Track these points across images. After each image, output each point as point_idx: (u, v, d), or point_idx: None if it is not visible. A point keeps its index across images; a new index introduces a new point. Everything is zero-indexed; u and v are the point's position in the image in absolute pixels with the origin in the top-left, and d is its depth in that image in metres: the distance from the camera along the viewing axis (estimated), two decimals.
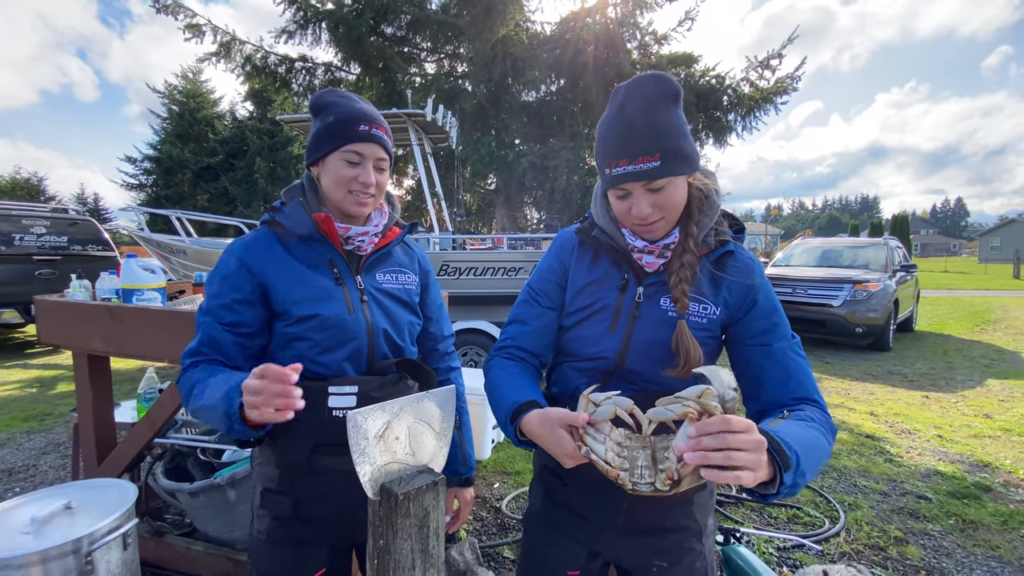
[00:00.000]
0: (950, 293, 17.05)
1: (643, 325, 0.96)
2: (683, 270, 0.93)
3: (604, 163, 0.91)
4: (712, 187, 0.97)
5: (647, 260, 0.97)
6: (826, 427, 0.85)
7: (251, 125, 23.02)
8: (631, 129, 0.87)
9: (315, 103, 1.10)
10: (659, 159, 0.85)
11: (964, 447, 3.71)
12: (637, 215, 0.90)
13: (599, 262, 1.03)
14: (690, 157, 0.89)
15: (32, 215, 6.95)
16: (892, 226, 22.69)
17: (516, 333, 1.08)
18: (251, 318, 1.04)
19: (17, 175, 26.73)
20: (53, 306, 2.08)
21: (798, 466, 0.71)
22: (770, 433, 0.73)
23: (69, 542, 1.19)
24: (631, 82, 0.90)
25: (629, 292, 0.98)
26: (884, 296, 6.88)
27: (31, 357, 6.61)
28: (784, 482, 0.70)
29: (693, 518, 1.01)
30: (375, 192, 1.09)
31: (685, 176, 0.90)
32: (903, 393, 5.09)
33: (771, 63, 7.96)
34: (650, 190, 0.88)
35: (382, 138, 1.08)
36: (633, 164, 0.86)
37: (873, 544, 2.49)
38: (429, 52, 9.34)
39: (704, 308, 0.95)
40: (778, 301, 0.99)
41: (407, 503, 0.76)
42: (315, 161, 1.09)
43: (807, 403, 0.90)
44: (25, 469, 3.28)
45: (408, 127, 5.91)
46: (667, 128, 0.86)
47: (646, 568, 1.01)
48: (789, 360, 0.93)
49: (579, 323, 1.02)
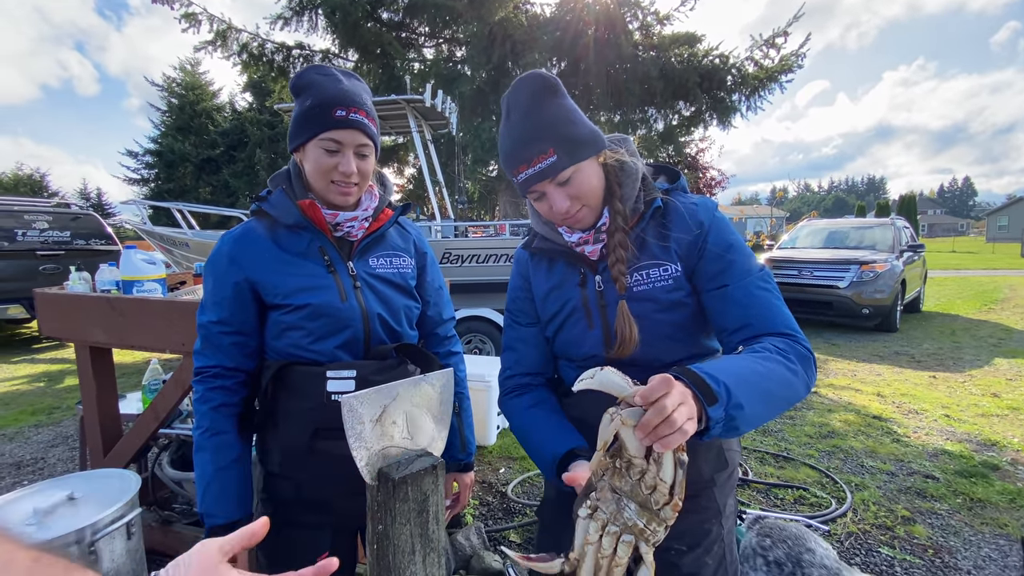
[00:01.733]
0: (957, 273, 16.90)
1: (615, 312, 0.94)
2: (617, 250, 0.93)
3: (509, 173, 0.93)
4: (623, 156, 0.95)
5: (589, 250, 0.97)
6: (790, 354, 0.80)
7: (251, 117, 22.92)
8: (520, 133, 0.88)
9: (295, 83, 1.05)
10: (553, 154, 0.86)
11: (972, 426, 3.69)
12: (558, 211, 0.91)
13: (555, 267, 1.04)
14: (585, 141, 0.89)
15: (35, 210, 6.96)
16: (899, 206, 22.48)
17: (512, 362, 1.11)
18: (245, 316, 1.05)
19: (19, 171, 26.78)
20: (53, 299, 2.07)
21: (729, 399, 0.68)
22: (693, 369, 0.70)
23: (72, 532, 1.20)
24: (510, 88, 0.92)
25: (589, 286, 0.98)
26: (891, 276, 6.81)
27: (38, 352, 6.66)
28: (712, 416, 0.67)
29: (712, 499, 1.00)
30: (358, 180, 1.05)
31: (591, 159, 0.90)
32: (910, 374, 5.06)
33: (776, 41, 7.79)
34: (559, 184, 0.89)
35: (362, 123, 1.02)
36: (531, 166, 0.87)
37: (880, 524, 2.48)
38: (427, 37, 9.21)
39: (664, 270, 0.93)
40: (734, 237, 0.93)
41: (405, 487, 0.75)
42: (296, 147, 1.06)
43: (773, 336, 0.85)
44: (34, 462, 3.32)
45: (407, 113, 5.85)
46: (552, 121, 0.87)
47: (664, 551, 0.98)
48: (750, 298, 0.88)
49: (559, 329, 1.03)
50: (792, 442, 3.47)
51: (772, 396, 0.75)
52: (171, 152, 22.93)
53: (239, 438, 1.06)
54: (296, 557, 1.07)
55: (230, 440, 1.04)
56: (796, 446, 3.40)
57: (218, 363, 1.04)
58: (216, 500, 1.00)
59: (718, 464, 1.00)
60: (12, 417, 4.12)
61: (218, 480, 1.01)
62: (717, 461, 1.00)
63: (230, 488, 1.02)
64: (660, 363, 0.93)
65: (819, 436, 3.57)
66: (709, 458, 0.99)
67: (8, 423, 3.99)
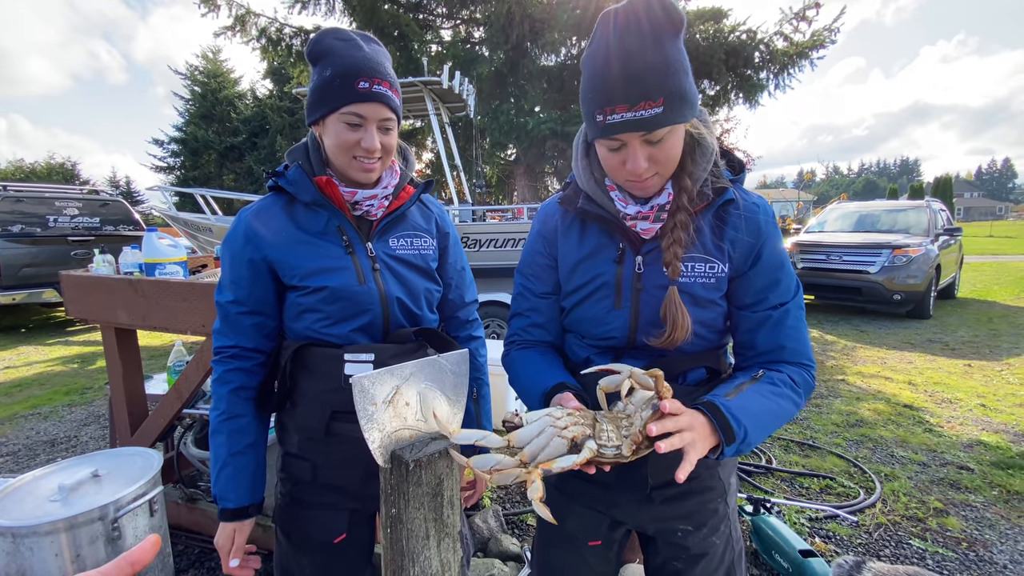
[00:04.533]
0: (995, 258, 16.22)
1: (649, 297, 0.88)
2: (676, 231, 0.84)
3: (594, 107, 0.77)
4: (703, 131, 0.86)
5: (643, 227, 0.87)
6: (800, 388, 0.86)
7: (271, 104, 23.09)
8: (631, 69, 0.73)
9: (311, 50, 0.99)
10: (662, 104, 0.73)
11: (1009, 416, 3.54)
12: (632, 170, 0.79)
13: (588, 233, 0.94)
14: (693, 101, 0.78)
15: (65, 197, 7.15)
16: (934, 189, 21.59)
17: (519, 327, 1.04)
18: (263, 296, 1.03)
19: (52, 160, 27.59)
20: (78, 281, 2.11)
21: (744, 439, 0.77)
22: (721, 409, 0.77)
23: (96, 508, 1.21)
24: (626, 6, 0.76)
25: (627, 264, 0.89)
26: (925, 261, 6.54)
27: (72, 335, 6.89)
28: (725, 453, 0.76)
29: (718, 478, 0.97)
30: (382, 155, 1.01)
31: (684, 124, 0.80)
32: (944, 362, 4.88)
33: (807, 14, 7.46)
34: (648, 141, 0.77)
35: (386, 96, 0.97)
36: (633, 111, 0.73)
37: (911, 515, 2.40)
38: (444, 18, 9.08)
39: (711, 268, 0.87)
40: (784, 253, 0.90)
41: (419, 471, 0.72)
42: (315, 121, 1.01)
43: (793, 366, 0.88)
44: (67, 440, 3.43)
45: (425, 96, 5.79)
46: (672, 67, 0.74)
47: (671, 533, 0.97)
48: (785, 325, 0.88)
49: (580, 303, 0.94)
50: (818, 430, 3.38)
51: (774, 428, 0.83)
52: (195, 140, 23.30)
53: (256, 422, 1.05)
54: (314, 537, 1.07)
55: (246, 425, 1.03)
56: (822, 434, 3.31)
57: (236, 343, 1.03)
58: (229, 484, 1.00)
59: None
60: (47, 397, 4.27)
61: (232, 464, 1.01)
62: None
63: (243, 473, 1.01)
64: (679, 353, 0.90)
65: (846, 425, 3.46)
66: None
67: (43, 402, 4.14)
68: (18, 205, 6.62)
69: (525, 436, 0.70)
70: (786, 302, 0.88)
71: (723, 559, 0.97)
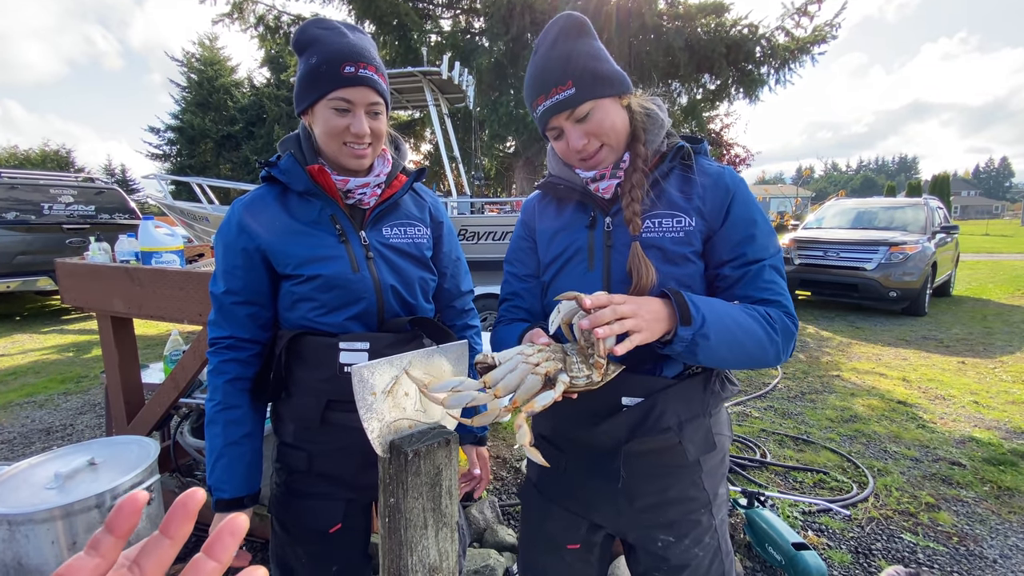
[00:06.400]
0: (991, 257, 16.28)
1: (619, 256, 0.92)
2: (634, 190, 0.90)
3: (530, 107, 0.93)
4: (652, 107, 0.94)
5: (603, 186, 0.94)
6: (775, 323, 0.84)
7: (268, 93, 22.87)
8: (543, 65, 0.88)
9: (297, 40, 0.99)
10: (571, 86, 0.85)
11: (1001, 413, 3.57)
12: (574, 148, 0.89)
13: (564, 209, 1.02)
14: (606, 78, 0.88)
15: (60, 184, 7.08)
16: (931, 187, 21.64)
17: (504, 309, 1.10)
18: (257, 286, 1.03)
19: (46, 148, 27.32)
20: (73, 268, 2.09)
21: (701, 326, 0.75)
22: (682, 293, 0.78)
23: (92, 496, 1.21)
24: (544, 29, 0.92)
25: (599, 228, 0.95)
26: (922, 259, 6.56)
27: (67, 323, 6.86)
28: (680, 335, 0.75)
29: (701, 487, 0.94)
30: (372, 141, 1.00)
31: (612, 99, 0.89)
32: (938, 359, 4.91)
33: (808, 9, 7.43)
34: (577, 121, 0.88)
35: (372, 79, 0.97)
36: (549, 98, 0.87)
37: (903, 510, 2.42)
38: (444, 8, 9.00)
39: (678, 222, 0.90)
40: (759, 211, 0.92)
41: (417, 461, 0.72)
42: (304, 110, 1.01)
43: (771, 305, 0.87)
44: (62, 428, 3.43)
45: (424, 86, 5.75)
46: (575, 55, 0.86)
47: (651, 542, 0.95)
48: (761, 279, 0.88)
49: (558, 272, 0.99)
50: (812, 425, 3.40)
51: (740, 346, 0.80)
52: (191, 128, 23.08)
53: (251, 413, 1.05)
54: (309, 526, 1.07)
55: (241, 415, 1.03)
56: (817, 429, 3.34)
57: (232, 333, 1.03)
58: (224, 474, 1.00)
59: (705, 446, 0.93)
60: (42, 385, 4.26)
61: (227, 455, 1.00)
62: (704, 443, 0.93)
63: (238, 463, 1.01)
64: None
65: (841, 420, 3.49)
66: (696, 439, 0.92)
67: (38, 391, 4.12)
68: (12, 192, 6.55)
69: (499, 374, 0.71)
70: (763, 259, 0.89)
71: (708, 571, 0.95)
